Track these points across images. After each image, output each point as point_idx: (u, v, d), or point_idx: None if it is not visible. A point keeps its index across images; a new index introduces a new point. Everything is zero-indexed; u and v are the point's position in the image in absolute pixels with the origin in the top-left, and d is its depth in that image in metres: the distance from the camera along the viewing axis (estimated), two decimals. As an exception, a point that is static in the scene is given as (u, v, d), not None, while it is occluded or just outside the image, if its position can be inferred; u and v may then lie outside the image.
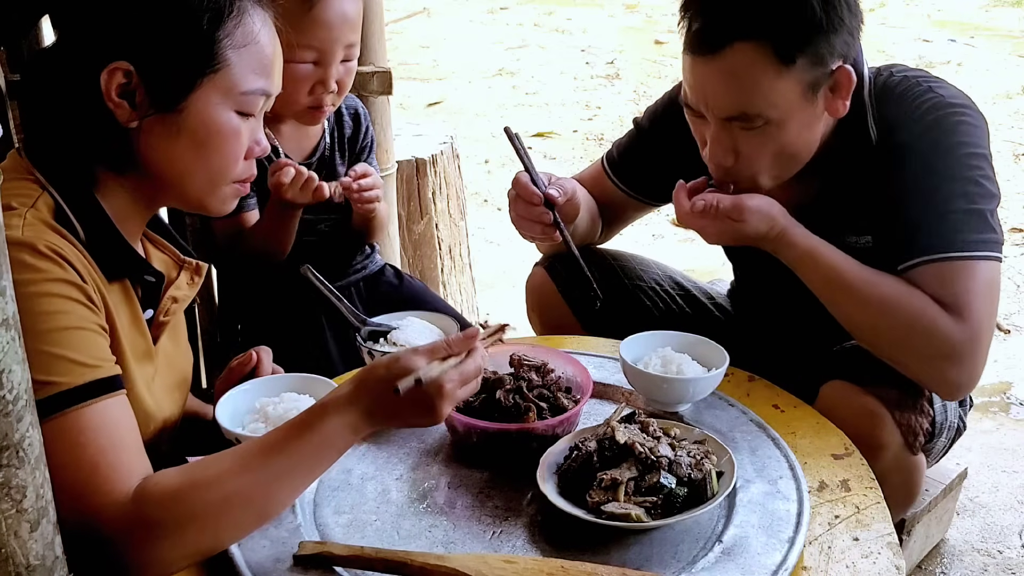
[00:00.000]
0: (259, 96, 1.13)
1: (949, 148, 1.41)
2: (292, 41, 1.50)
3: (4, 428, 0.76)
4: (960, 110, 1.44)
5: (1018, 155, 4.62)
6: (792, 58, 1.35)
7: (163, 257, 1.25)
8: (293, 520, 1.13)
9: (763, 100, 1.37)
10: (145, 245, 1.24)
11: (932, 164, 1.41)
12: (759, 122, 1.39)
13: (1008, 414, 2.52)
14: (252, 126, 1.15)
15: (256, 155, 1.17)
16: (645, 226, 3.89)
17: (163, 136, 1.09)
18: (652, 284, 1.85)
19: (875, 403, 1.40)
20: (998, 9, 7.86)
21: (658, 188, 1.79)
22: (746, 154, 1.44)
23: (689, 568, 1.06)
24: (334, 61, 1.64)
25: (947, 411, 1.52)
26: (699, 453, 1.16)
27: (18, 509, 0.79)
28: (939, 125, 1.42)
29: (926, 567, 1.96)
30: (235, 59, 1.10)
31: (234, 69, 1.10)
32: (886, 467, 1.40)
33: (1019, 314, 3.09)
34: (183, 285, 1.25)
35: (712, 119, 1.42)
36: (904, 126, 1.45)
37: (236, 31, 1.10)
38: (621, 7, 8.24)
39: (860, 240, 1.52)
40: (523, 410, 1.26)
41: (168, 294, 1.22)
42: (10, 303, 0.76)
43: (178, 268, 1.25)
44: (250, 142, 1.15)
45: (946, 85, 1.49)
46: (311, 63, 1.62)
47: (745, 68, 1.35)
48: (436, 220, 2.77)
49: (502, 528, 1.14)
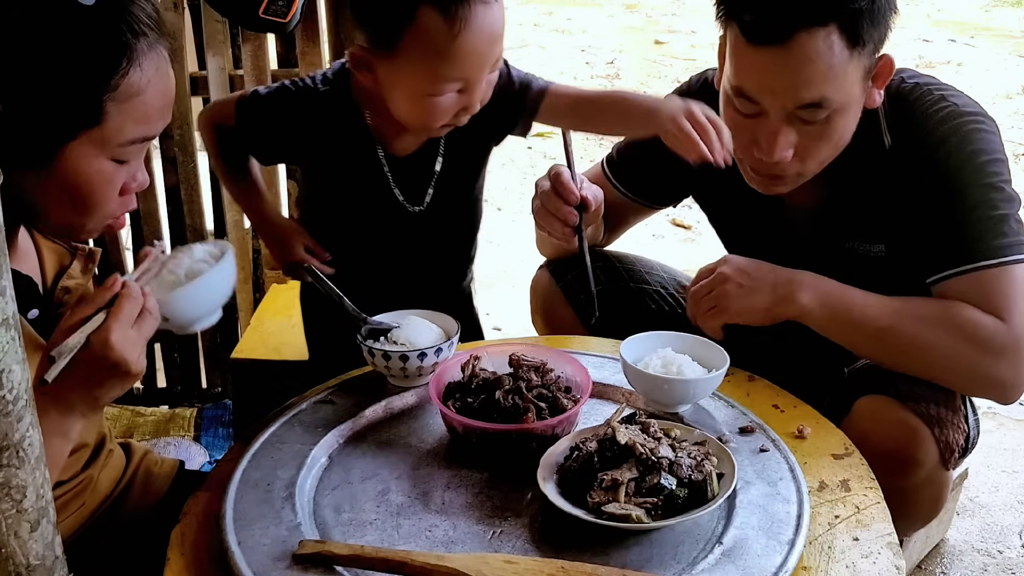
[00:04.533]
0: (139, 144, 1.10)
1: (968, 156, 1.41)
2: (438, 75, 1.37)
3: (4, 428, 0.76)
4: (974, 118, 1.44)
5: (1018, 155, 4.61)
6: (860, 40, 1.32)
7: (54, 247, 1.25)
8: (293, 519, 1.13)
9: (837, 86, 1.34)
10: (35, 237, 1.23)
11: (952, 174, 1.41)
12: (825, 112, 1.36)
13: (1008, 414, 2.52)
14: (131, 167, 1.12)
15: (133, 190, 1.14)
16: (645, 226, 3.88)
17: (33, 178, 1.06)
18: (657, 287, 1.84)
19: (915, 420, 1.39)
20: (998, 9, 7.85)
21: (658, 190, 1.78)
22: (801, 149, 1.41)
23: (689, 569, 1.06)
24: (481, 85, 1.42)
25: (978, 426, 1.52)
26: (700, 454, 1.16)
27: (18, 509, 0.79)
28: (956, 134, 1.42)
29: (926, 567, 1.96)
30: (115, 113, 1.05)
31: (112, 122, 1.05)
32: (919, 482, 1.40)
33: (1019, 314, 3.09)
34: (76, 272, 1.24)
35: (776, 111, 1.38)
36: (919, 134, 1.45)
37: (120, 85, 1.04)
38: (621, 7, 8.23)
39: (873, 248, 1.51)
40: (522, 410, 1.26)
41: (61, 284, 1.21)
42: (10, 303, 0.76)
43: (70, 255, 1.25)
44: (126, 180, 1.12)
45: (958, 93, 1.48)
46: (456, 92, 1.41)
47: (816, 55, 1.32)
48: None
49: (502, 528, 1.14)
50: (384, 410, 1.39)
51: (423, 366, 1.38)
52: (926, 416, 1.39)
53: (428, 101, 1.41)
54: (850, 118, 1.40)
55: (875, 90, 1.41)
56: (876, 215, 1.50)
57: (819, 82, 1.33)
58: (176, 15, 2.22)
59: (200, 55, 2.35)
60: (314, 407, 1.38)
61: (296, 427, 1.32)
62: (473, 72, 1.40)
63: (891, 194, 1.47)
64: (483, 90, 1.44)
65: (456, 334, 1.43)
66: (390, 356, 1.37)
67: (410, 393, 1.42)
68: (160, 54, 1.09)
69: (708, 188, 1.70)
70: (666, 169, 1.58)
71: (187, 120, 2.34)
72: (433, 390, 1.31)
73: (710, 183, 1.64)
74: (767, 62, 1.35)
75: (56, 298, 1.21)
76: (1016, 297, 1.38)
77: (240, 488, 1.19)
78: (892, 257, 1.50)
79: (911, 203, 1.44)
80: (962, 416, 1.45)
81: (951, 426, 1.41)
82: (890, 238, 1.50)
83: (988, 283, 1.38)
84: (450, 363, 1.37)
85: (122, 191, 1.13)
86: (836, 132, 1.40)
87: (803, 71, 1.33)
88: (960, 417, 1.44)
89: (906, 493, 1.18)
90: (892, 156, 1.47)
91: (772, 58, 1.34)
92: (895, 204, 1.47)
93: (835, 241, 1.53)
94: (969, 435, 1.48)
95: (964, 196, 1.40)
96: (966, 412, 1.46)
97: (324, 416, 1.35)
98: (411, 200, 1.62)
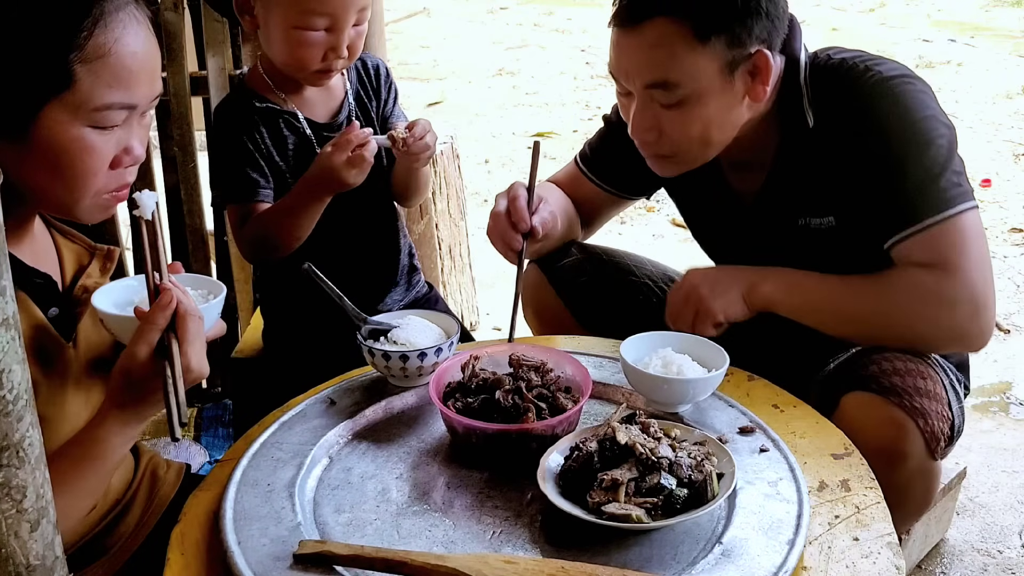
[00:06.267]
0: (118, 111, 1.06)
1: (898, 118, 1.47)
2: (305, 8, 1.54)
3: (4, 428, 0.76)
4: (901, 79, 1.49)
5: (1018, 155, 4.62)
6: (707, 36, 1.42)
7: (73, 246, 1.24)
8: (293, 519, 1.13)
9: (680, 71, 1.43)
10: (54, 235, 1.23)
11: (885, 138, 1.47)
12: (677, 95, 1.45)
13: (1008, 414, 2.52)
14: (118, 137, 1.09)
15: (126, 164, 1.11)
16: (645, 226, 3.89)
17: (13, 152, 1.04)
18: (645, 279, 1.86)
19: (900, 414, 1.41)
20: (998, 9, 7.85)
21: (631, 181, 1.83)
22: (668, 131, 1.50)
23: (689, 569, 1.06)
24: (347, 27, 1.60)
25: (962, 413, 1.53)
26: (699, 454, 1.16)
27: (18, 509, 0.79)
28: (884, 97, 1.48)
29: (926, 567, 1.96)
30: (84, 75, 1.02)
31: (83, 85, 1.02)
32: (909, 475, 1.42)
33: (1019, 314, 3.09)
34: (95, 272, 1.24)
35: (635, 91, 1.49)
36: (849, 106, 1.50)
37: (87, 44, 1.02)
38: (621, 7, 8.23)
39: (823, 221, 1.57)
40: (522, 410, 1.26)
41: (80, 283, 1.21)
42: (10, 303, 0.76)
43: (89, 255, 1.25)
44: (116, 152, 1.09)
45: (884, 60, 1.54)
46: (323, 30, 1.59)
47: (663, 40, 1.43)
48: (436, 220, 2.77)
49: (502, 528, 1.14)
50: (384, 410, 1.39)
51: (423, 366, 1.38)
52: (910, 409, 1.41)
53: (298, 34, 1.58)
54: (712, 108, 1.47)
55: (759, 85, 1.48)
56: (820, 190, 1.56)
57: (662, 65, 1.44)
58: (176, 15, 2.23)
59: (200, 55, 2.35)
60: (314, 407, 1.38)
61: (296, 427, 1.33)
62: (338, 9, 1.57)
63: (829, 169, 1.53)
64: (351, 36, 1.61)
65: (456, 334, 1.43)
66: (390, 356, 1.37)
67: (410, 393, 1.42)
68: (131, 14, 1.06)
69: (675, 179, 1.72)
70: (640, 161, 1.62)
71: (187, 120, 2.34)
72: (433, 390, 1.31)
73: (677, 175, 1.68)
74: (624, 43, 1.48)
75: (75, 296, 1.20)
76: (962, 247, 1.44)
77: (240, 488, 1.19)
78: (843, 227, 1.56)
79: (852, 174, 1.50)
80: (945, 404, 1.47)
81: (935, 416, 1.43)
82: (838, 209, 1.56)
83: (934, 240, 1.45)
84: (450, 363, 1.37)
85: (114, 164, 1.10)
86: (698, 118, 1.47)
87: (649, 53, 1.45)
88: (943, 406, 1.46)
89: (897, 487, 1.20)
90: (818, 133, 1.53)
91: (628, 40, 1.47)
92: (836, 177, 1.53)
93: (787, 219, 1.59)
94: (954, 423, 1.49)
95: (900, 160, 1.46)
96: (949, 400, 1.48)
97: (324, 416, 1.35)
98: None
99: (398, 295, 1.90)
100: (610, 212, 1.96)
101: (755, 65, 1.46)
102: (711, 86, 1.45)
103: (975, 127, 4.94)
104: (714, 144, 1.53)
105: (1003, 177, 4.33)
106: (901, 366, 1.45)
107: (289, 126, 1.70)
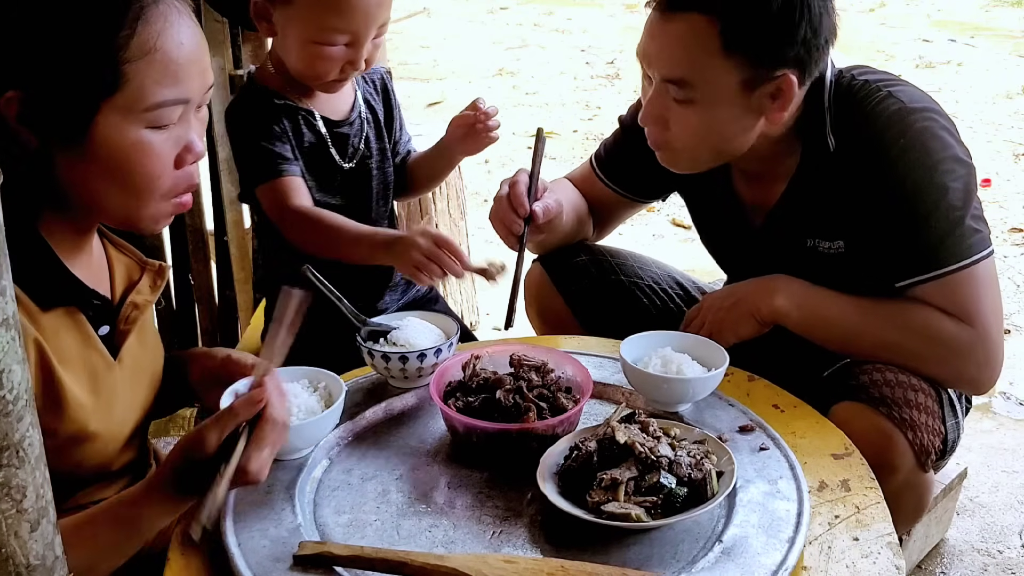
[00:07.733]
0: (172, 107, 1.05)
1: (919, 158, 1.43)
2: (326, 25, 1.53)
3: (4, 428, 0.76)
4: (923, 114, 1.45)
5: (1018, 155, 4.62)
6: (734, 47, 1.39)
7: (125, 260, 1.23)
8: (293, 520, 1.13)
9: (697, 73, 1.41)
10: (107, 248, 1.21)
11: (905, 176, 1.43)
12: (690, 94, 1.43)
13: (1008, 414, 2.52)
14: (176, 135, 1.07)
15: (190, 162, 1.09)
16: (645, 226, 3.89)
17: (74, 164, 1.03)
18: (650, 282, 1.85)
19: (888, 425, 1.40)
20: (998, 9, 7.86)
21: (645, 185, 1.81)
22: (674, 129, 1.48)
23: (689, 568, 1.06)
24: (367, 42, 1.59)
25: (958, 429, 1.53)
26: (699, 453, 1.16)
27: (18, 509, 0.79)
28: (906, 134, 1.44)
29: (926, 567, 1.96)
30: (132, 74, 1.00)
31: (133, 85, 1.01)
32: (899, 487, 1.41)
33: (1019, 314, 3.09)
34: (145, 289, 1.21)
35: (654, 78, 1.47)
36: (867, 134, 1.47)
37: (130, 42, 1.00)
38: (621, 7, 8.24)
39: (832, 245, 1.55)
40: (523, 410, 1.26)
41: (129, 299, 1.19)
42: (10, 303, 0.76)
43: (140, 270, 1.23)
44: (176, 151, 1.07)
45: (907, 88, 1.49)
46: (344, 45, 1.57)
47: (690, 37, 1.41)
48: (436, 220, 2.77)
49: (502, 528, 1.14)
50: (384, 411, 1.39)
51: (423, 367, 1.38)
52: (899, 420, 1.41)
53: (317, 49, 1.56)
54: (722, 117, 1.45)
55: (777, 111, 1.45)
56: (832, 214, 1.53)
57: (682, 62, 1.42)
58: (176, 16, 2.22)
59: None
60: (314, 407, 1.38)
61: (296, 427, 1.32)
62: (360, 27, 1.55)
63: (844, 195, 1.50)
64: (368, 50, 1.60)
65: (456, 335, 1.43)
66: (390, 358, 1.37)
67: (410, 394, 1.42)
68: (171, 6, 1.05)
69: (689, 183, 1.72)
70: (653, 164, 1.60)
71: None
72: (434, 390, 1.31)
73: (691, 179, 1.67)
74: (655, 29, 1.46)
75: (122, 314, 1.18)
76: (979, 298, 1.44)
77: (240, 489, 1.19)
78: (851, 255, 1.54)
79: (867, 204, 1.47)
80: (938, 419, 1.45)
81: (925, 429, 1.43)
82: (848, 236, 1.53)
83: (952, 288, 1.44)
84: (451, 363, 1.37)
85: (177, 163, 1.08)
86: (704, 122, 1.46)
87: (674, 47, 1.43)
88: (936, 420, 1.45)
89: (887, 497, 1.19)
90: (838, 158, 1.50)
91: (660, 26, 1.45)
92: (850, 204, 1.50)
93: (796, 238, 1.57)
94: (947, 437, 1.48)
95: (920, 200, 1.43)
96: (943, 414, 1.47)
97: (324, 416, 1.35)
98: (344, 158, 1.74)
99: (397, 295, 1.90)
100: (623, 214, 1.94)
101: (778, 88, 1.42)
102: (726, 97, 1.42)
103: (975, 127, 4.94)
104: (718, 152, 1.51)
105: (1003, 177, 4.33)
106: (892, 377, 1.44)
107: (307, 123, 1.69)
